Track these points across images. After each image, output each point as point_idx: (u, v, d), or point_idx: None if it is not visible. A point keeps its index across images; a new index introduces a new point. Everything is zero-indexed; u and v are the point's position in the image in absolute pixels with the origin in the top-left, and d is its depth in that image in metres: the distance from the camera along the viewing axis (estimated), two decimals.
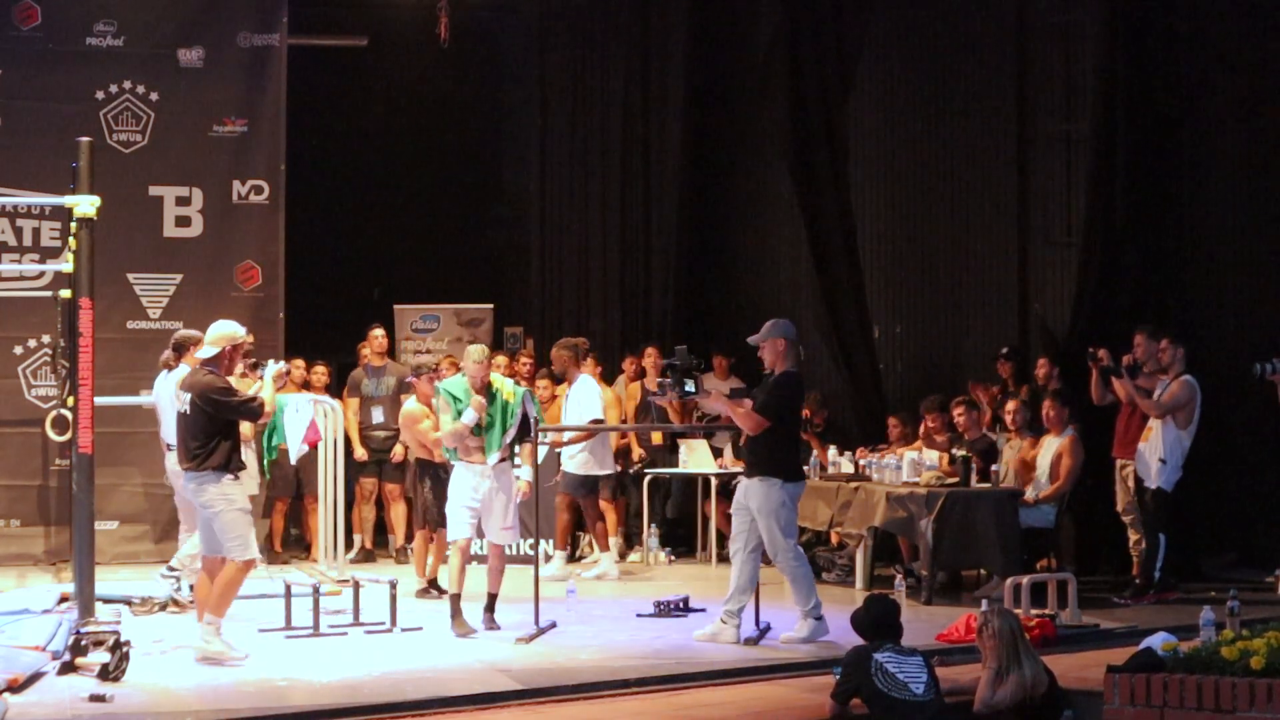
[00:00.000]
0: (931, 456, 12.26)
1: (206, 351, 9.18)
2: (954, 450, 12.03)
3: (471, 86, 17.54)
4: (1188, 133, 12.79)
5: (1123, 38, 12.69)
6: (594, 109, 16.58)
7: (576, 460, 12.99)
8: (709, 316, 16.09)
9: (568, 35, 16.69)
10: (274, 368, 9.56)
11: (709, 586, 11.83)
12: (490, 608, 10.13)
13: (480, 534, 10.42)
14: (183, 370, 10.16)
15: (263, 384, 9.45)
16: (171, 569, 11.17)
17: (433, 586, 11.72)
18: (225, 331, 9.22)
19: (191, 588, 11.24)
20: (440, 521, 11.73)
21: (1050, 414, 11.77)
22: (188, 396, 9.13)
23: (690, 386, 9.98)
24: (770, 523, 9.61)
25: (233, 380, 9.65)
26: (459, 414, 10.10)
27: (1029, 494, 11.62)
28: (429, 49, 15.79)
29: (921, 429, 12.85)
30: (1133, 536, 11.56)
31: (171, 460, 10.61)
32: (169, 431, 10.51)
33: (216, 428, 9.03)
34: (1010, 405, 12.20)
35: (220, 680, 8.53)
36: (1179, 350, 11.12)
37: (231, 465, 9.07)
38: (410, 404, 12.20)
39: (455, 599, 10.03)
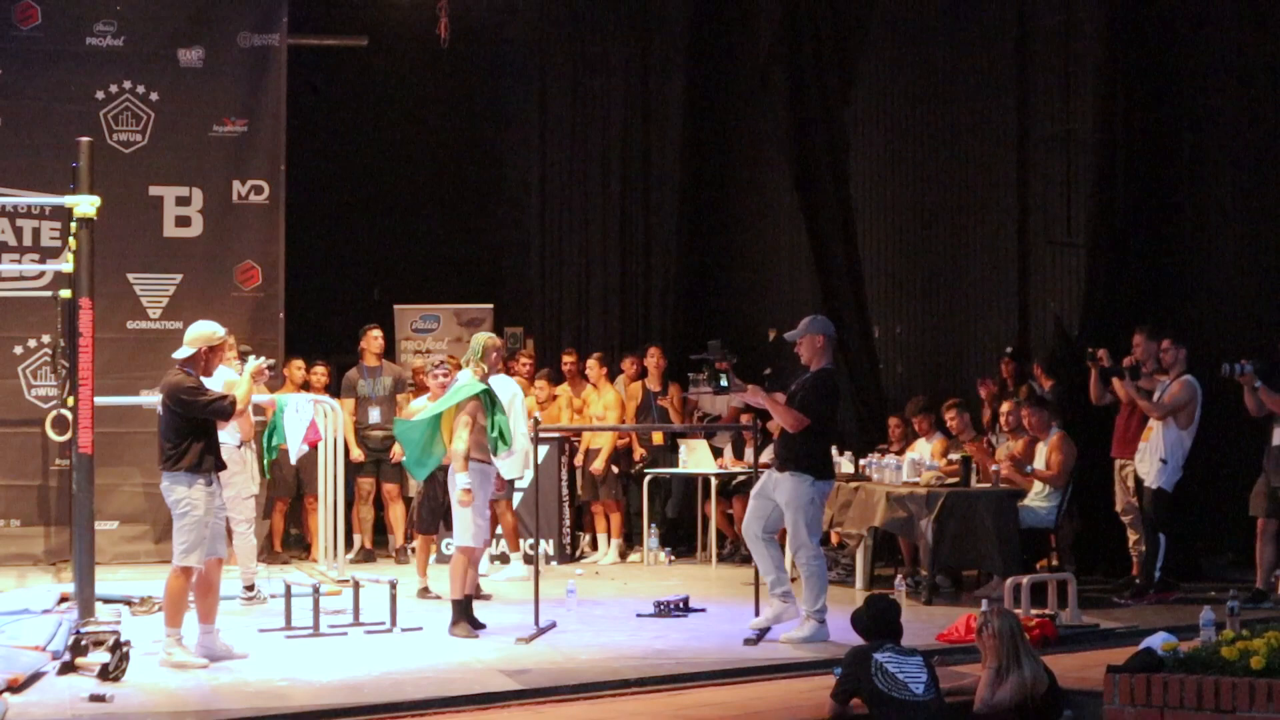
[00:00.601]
0: (926, 452, 12.28)
1: (183, 351, 9.06)
2: (951, 454, 12.02)
3: (471, 86, 17.55)
4: (1188, 133, 12.78)
5: (1123, 38, 12.67)
6: (594, 109, 16.57)
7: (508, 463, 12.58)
8: (709, 316, 16.07)
9: (568, 35, 16.68)
10: (253, 364, 9.49)
11: (709, 586, 11.82)
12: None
13: None
14: None
15: (239, 380, 9.43)
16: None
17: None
18: (202, 332, 9.12)
19: (248, 588, 11.31)
20: (427, 526, 11.71)
21: (1032, 420, 11.74)
22: (160, 397, 9.10)
23: (724, 382, 9.81)
24: (797, 518, 9.58)
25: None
26: (494, 425, 9.83)
27: (1031, 472, 11.60)
28: (429, 49, 15.79)
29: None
30: (1132, 536, 11.56)
31: None
32: None
33: (189, 428, 8.90)
34: (1004, 406, 12.17)
35: (220, 680, 8.52)
36: (1180, 351, 11.11)
37: (203, 467, 8.93)
38: (413, 405, 12.19)
39: (457, 604, 9.98)
